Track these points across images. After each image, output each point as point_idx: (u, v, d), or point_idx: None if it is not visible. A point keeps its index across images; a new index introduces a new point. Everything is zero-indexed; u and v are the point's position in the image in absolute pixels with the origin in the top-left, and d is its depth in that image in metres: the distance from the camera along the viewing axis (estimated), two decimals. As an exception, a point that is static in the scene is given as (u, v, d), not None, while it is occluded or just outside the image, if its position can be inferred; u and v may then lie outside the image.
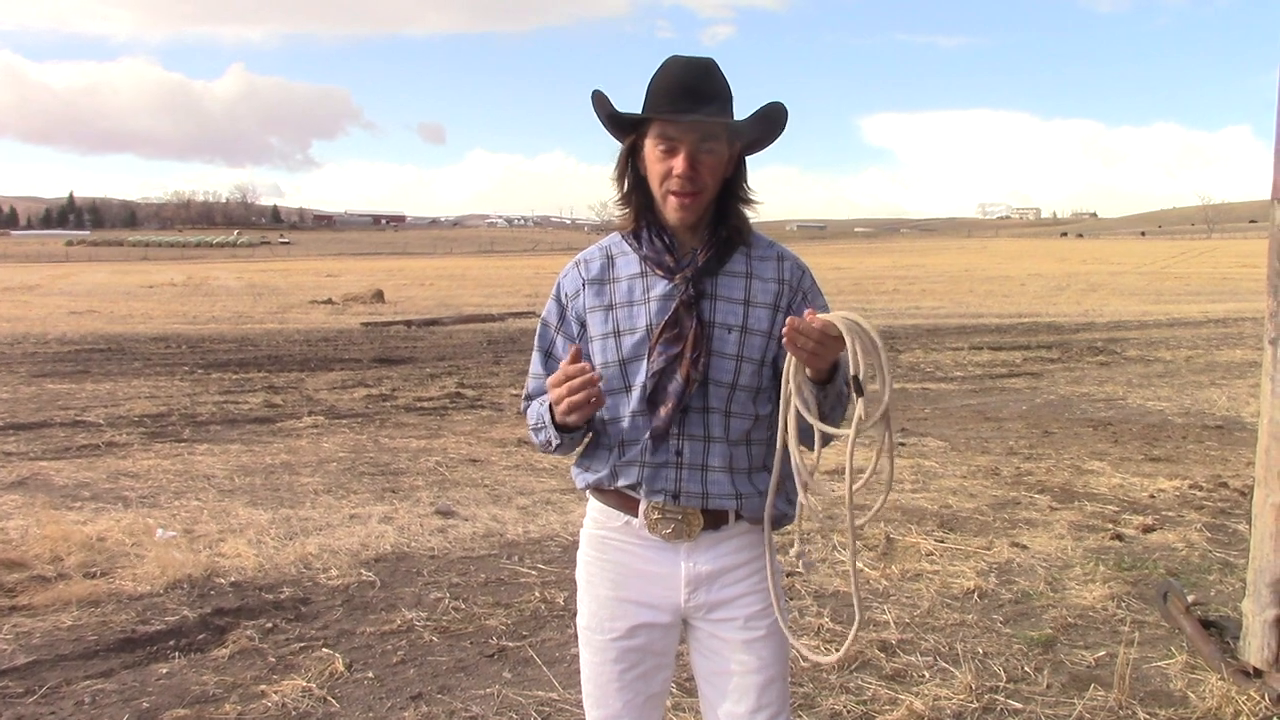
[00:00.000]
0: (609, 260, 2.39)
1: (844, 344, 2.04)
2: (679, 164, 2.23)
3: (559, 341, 2.43)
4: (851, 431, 2.05)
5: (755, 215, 2.38)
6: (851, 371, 2.04)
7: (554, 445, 2.34)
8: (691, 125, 2.22)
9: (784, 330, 2.02)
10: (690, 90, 2.22)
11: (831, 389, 2.16)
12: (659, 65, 2.29)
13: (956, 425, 10.65)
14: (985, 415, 11.32)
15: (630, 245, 2.36)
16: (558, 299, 2.43)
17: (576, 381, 2.15)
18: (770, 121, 2.30)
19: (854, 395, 2.04)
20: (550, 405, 2.26)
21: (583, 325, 2.39)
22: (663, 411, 2.27)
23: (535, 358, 2.48)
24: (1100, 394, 12.95)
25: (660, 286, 2.30)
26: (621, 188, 2.35)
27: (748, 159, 2.37)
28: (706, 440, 2.30)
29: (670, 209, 2.28)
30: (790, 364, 2.13)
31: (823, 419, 2.16)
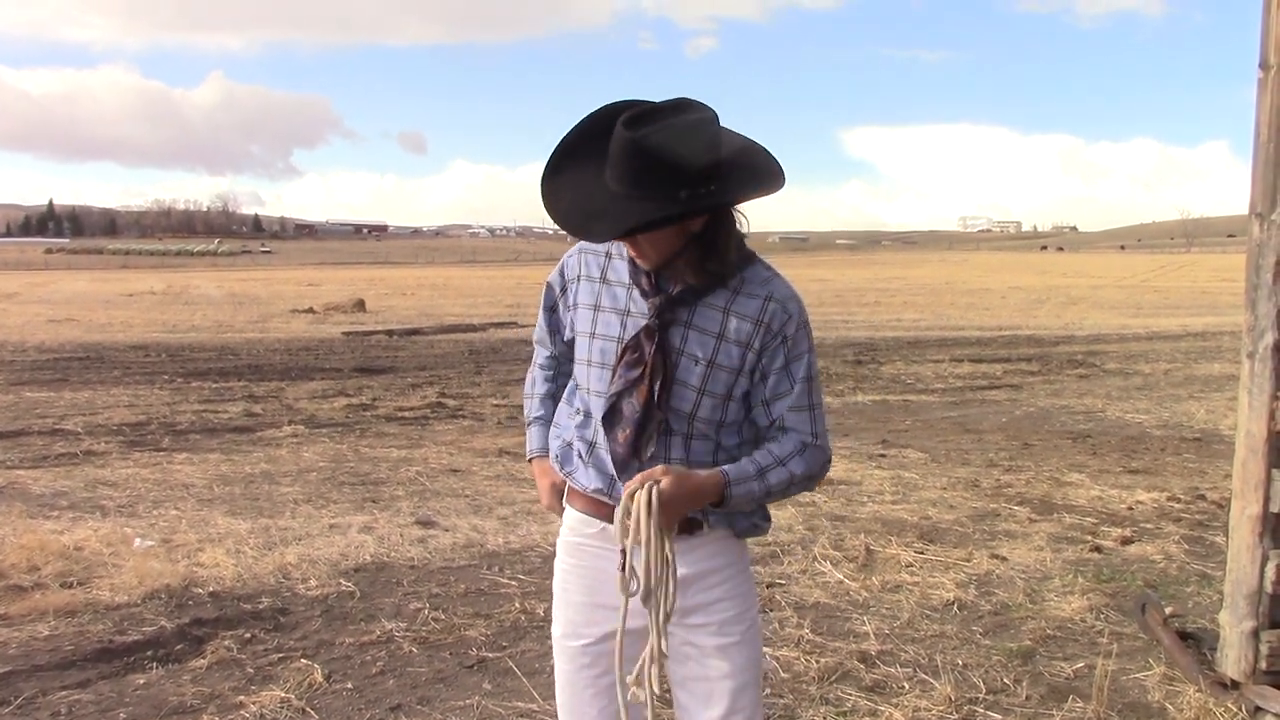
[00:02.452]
0: (608, 258, 2.37)
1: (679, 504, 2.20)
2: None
3: (560, 306, 2.50)
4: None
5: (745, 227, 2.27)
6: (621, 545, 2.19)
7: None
8: None
9: None
10: (617, 184, 2.10)
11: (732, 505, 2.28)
12: (619, 122, 2.08)
13: (937, 437, 10.68)
14: (965, 427, 11.37)
15: (629, 250, 2.31)
16: (561, 273, 2.47)
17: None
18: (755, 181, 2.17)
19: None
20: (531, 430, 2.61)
21: (569, 309, 2.44)
22: (621, 437, 2.27)
23: (542, 317, 2.56)
24: (1080, 406, 13.01)
25: (640, 304, 2.29)
26: None
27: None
28: (667, 462, 2.27)
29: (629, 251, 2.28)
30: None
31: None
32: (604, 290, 2.35)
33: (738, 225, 2.24)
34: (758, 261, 2.30)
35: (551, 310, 2.52)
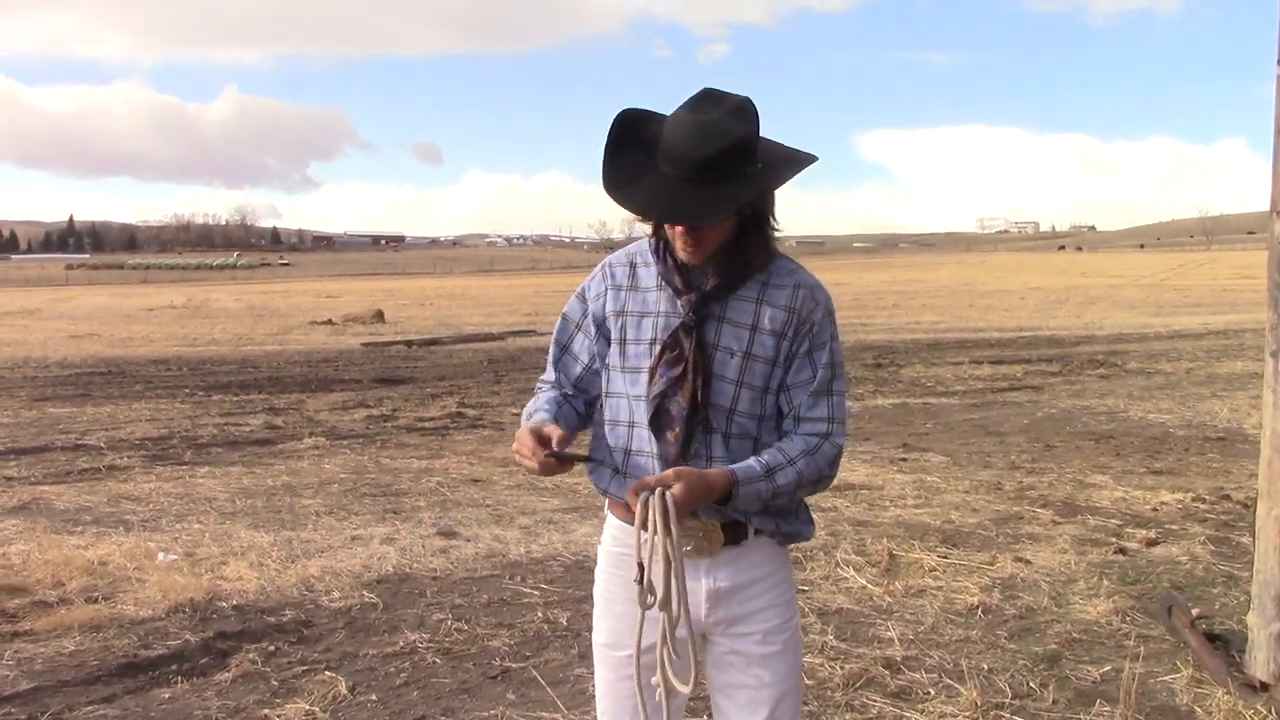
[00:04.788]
0: (632, 268, 2.39)
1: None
2: (678, 233, 2.24)
3: (578, 338, 2.45)
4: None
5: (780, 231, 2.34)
6: (638, 558, 2.18)
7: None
8: None
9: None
10: (692, 171, 2.16)
11: (742, 502, 2.24)
12: (673, 113, 2.20)
13: (958, 440, 10.64)
14: (987, 429, 11.32)
15: (653, 257, 2.36)
16: (582, 298, 2.45)
17: (526, 458, 2.22)
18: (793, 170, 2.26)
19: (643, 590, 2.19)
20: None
21: (599, 327, 2.41)
22: (670, 436, 2.27)
23: (552, 351, 2.51)
24: (1101, 407, 12.94)
25: (671, 304, 2.30)
26: None
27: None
28: (708, 460, 2.28)
29: (678, 249, 2.27)
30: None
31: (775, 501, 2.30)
32: (631, 296, 2.36)
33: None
34: (782, 255, 2.35)
35: (565, 349, 2.48)
